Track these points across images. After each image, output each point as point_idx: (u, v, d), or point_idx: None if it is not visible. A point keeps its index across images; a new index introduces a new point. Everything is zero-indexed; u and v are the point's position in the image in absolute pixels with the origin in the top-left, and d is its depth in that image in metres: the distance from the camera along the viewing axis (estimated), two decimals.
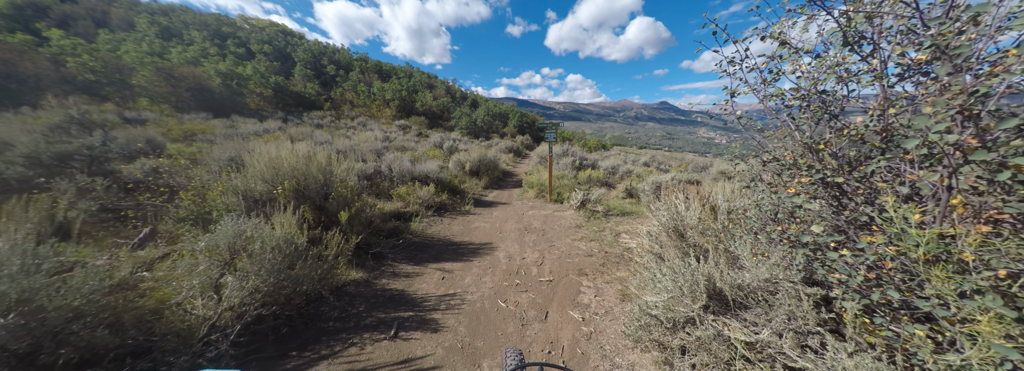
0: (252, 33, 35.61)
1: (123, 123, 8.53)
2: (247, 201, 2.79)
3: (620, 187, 6.87)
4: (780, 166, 1.28)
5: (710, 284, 1.41)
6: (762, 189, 1.42)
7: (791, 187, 1.22)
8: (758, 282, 1.34)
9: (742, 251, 1.54)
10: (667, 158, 16.19)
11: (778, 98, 1.30)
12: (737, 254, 1.61)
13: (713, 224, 1.84)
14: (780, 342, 1.12)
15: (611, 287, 2.56)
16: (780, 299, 1.22)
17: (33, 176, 3.16)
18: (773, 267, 1.31)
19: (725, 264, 1.39)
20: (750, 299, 1.32)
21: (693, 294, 1.41)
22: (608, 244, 3.62)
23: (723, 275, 1.34)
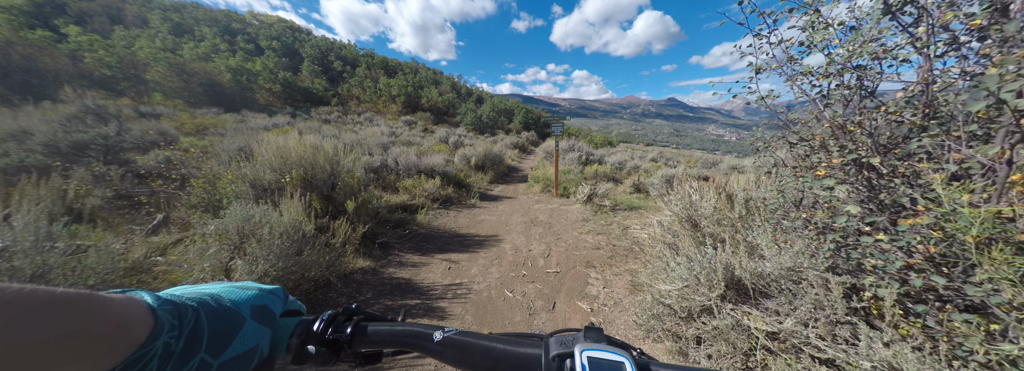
0: (261, 29, 36.01)
1: (138, 117, 8.72)
2: (256, 189, 2.80)
3: (627, 182, 6.77)
4: (808, 148, 1.20)
5: (728, 273, 1.35)
6: (786, 174, 1.34)
7: (819, 169, 1.15)
8: (780, 271, 1.27)
9: (761, 240, 1.47)
10: (675, 155, 15.92)
11: (807, 76, 1.21)
12: (755, 243, 1.54)
13: (729, 213, 1.76)
14: (806, 332, 1.06)
15: (620, 279, 2.51)
16: (805, 288, 1.16)
17: (51, 163, 3.24)
18: (797, 255, 1.25)
19: (744, 253, 1.32)
20: (771, 288, 1.26)
21: (710, 283, 1.35)
22: (616, 237, 3.56)
23: (743, 264, 1.27)
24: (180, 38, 24.93)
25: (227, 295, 0.31)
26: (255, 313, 0.31)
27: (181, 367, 0.24)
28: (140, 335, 0.22)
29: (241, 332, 0.29)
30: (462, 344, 0.33)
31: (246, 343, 0.29)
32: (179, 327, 0.25)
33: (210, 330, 0.27)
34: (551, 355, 0.31)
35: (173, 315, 0.25)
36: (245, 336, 0.29)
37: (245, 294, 0.32)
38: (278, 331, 0.33)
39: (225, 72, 17.99)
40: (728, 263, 1.34)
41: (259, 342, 0.30)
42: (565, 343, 0.32)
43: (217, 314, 0.28)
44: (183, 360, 0.25)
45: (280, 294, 0.36)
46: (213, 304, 0.29)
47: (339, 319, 0.35)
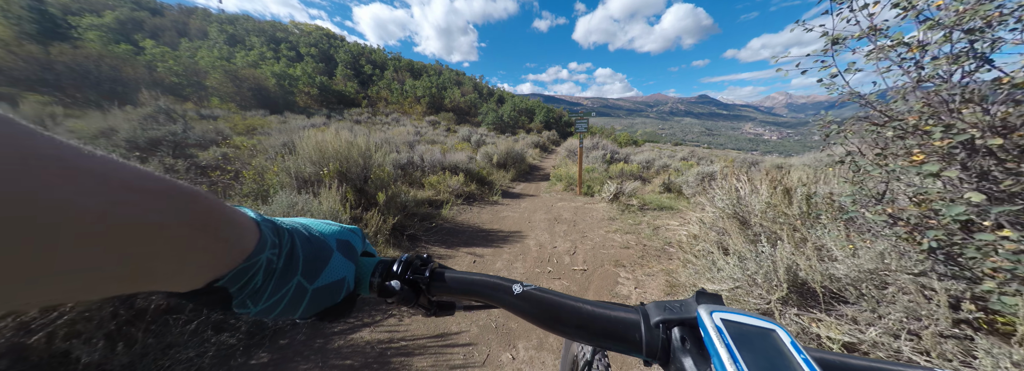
0: (301, 37, 38.94)
1: (199, 118, 9.76)
2: (297, 180, 2.99)
3: (656, 181, 6.43)
4: (899, 130, 1.02)
5: (791, 274, 1.19)
6: (864, 163, 1.16)
7: (916, 153, 0.97)
8: (858, 273, 1.10)
9: (829, 239, 1.29)
10: (708, 154, 14.95)
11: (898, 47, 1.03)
12: (822, 243, 1.35)
13: (787, 210, 1.57)
14: (898, 344, 0.90)
15: (653, 280, 2.36)
16: (893, 294, 0.99)
17: (131, 157, 3.69)
18: (881, 256, 1.07)
19: (812, 252, 1.16)
20: (847, 293, 1.09)
21: (769, 284, 1.20)
22: (646, 237, 3.37)
23: (812, 264, 1.12)
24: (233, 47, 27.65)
25: (315, 226, 0.31)
26: (341, 247, 0.31)
27: (281, 287, 0.24)
28: (248, 245, 0.22)
29: (330, 262, 0.28)
30: (544, 300, 0.30)
31: (335, 273, 0.28)
32: (280, 245, 0.25)
33: (304, 255, 0.26)
34: (652, 321, 0.27)
35: (274, 233, 0.25)
36: (334, 267, 0.29)
37: (330, 228, 0.32)
38: (361, 268, 0.33)
39: (270, 77, 19.67)
40: (791, 263, 1.19)
41: (346, 275, 0.30)
42: (671, 309, 0.27)
43: (309, 241, 0.28)
44: (283, 280, 0.24)
45: (359, 234, 0.35)
46: (304, 232, 0.28)
47: (416, 263, 0.34)
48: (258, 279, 0.23)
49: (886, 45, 1.05)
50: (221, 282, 0.21)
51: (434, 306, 0.35)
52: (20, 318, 1.19)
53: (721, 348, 0.22)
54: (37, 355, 1.18)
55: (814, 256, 1.13)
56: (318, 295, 0.27)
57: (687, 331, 0.25)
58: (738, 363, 0.21)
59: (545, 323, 0.29)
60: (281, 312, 0.25)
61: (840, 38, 1.09)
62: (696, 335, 0.25)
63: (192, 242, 0.18)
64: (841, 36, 1.09)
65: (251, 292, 0.23)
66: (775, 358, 0.21)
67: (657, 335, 0.26)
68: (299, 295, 0.26)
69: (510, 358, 1.53)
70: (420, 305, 0.33)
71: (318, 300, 0.27)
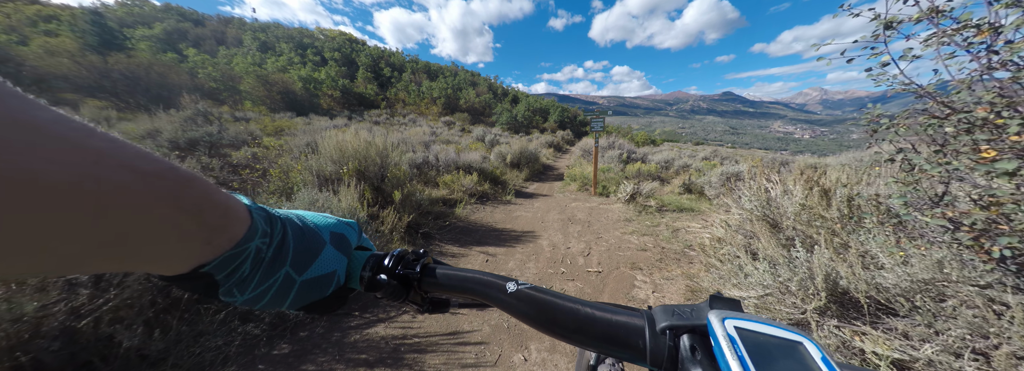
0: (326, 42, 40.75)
1: (233, 121, 10.43)
2: (319, 178, 3.11)
3: (676, 182, 6.18)
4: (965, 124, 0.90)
5: (830, 282, 1.09)
6: (920, 161, 1.04)
7: (987, 150, 0.85)
8: (910, 283, 0.99)
9: (875, 245, 1.17)
10: (732, 154, 14.22)
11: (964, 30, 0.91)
12: (866, 249, 1.23)
13: (825, 212, 1.45)
14: (961, 364, 0.79)
15: (671, 284, 2.26)
16: (954, 307, 0.88)
17: (170, 155, 3.98)
18: (938, 265, 0.95)
19: (855, 259, 1.06)
20: (897, 304, 0.98)
21: (804, 292, 1.11)
22: (665, 239, 3.24)
23: (855, 272, 1.02)
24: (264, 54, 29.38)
25: (310, 218, 0.30)
26: (334, 240, 0.30)
27: (268, 277, 0.24)
28: (238, 232, 0.22)
29: (321, 255, 0.28)
30: (540, 300, 0.28)
31: (326, 266, 0.28)
32: (271, 234, 0.24)
33: (295, 246, 0.26)
34: (658, 327, 0.24)
35: (265, 221, 0.24)
36: (325, 260, 0.28)
37: (326, 220, 0.31)
38: (353, 262, 0.32)
39: (297, 81, 20.73)
40: (830, 271, 1.09)
41: (337, 268, 0.29)
42: (680, 314, 0.24)
43: (301, 232, 0.27)
44: (271, 270, 0.24)
45: (355, 228, 0.34)
46: (298, 222, 0.28)
47: (408, 258, 0.33)
48: (245, 268, 0.22)
49: (950, 28, 0.93)
50: (207, 268, 0.21)
51: (427, 303, 0.34)
52: (71, 304, 1.30)
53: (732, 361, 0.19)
54: (85, 338, 1.28)
55: (858, 263, 1.02)
56: (306, 287, 0.26)
57: (697, 339, 0.23)
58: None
59: (540, 324, 0.27)
60: (268, 303, 0.25)
61: (894, 22, 0.98)
62: (708, 344, 0.22)
63: (179, 225, 0.18)
64: (895, 19, 0.98)
65: (238, 280, 0.22)
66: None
67: (663, 342, 0.23)
68: (286, 286, 0.25)
69: (522, 359, 1.51)
70: (411, 301, 0.32)
71: (306, 292, 0.26)
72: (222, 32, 33.44)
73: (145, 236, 0.16)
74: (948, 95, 0.99)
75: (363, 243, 0.36)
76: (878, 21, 1.00)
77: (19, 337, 1.19)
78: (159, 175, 0.17)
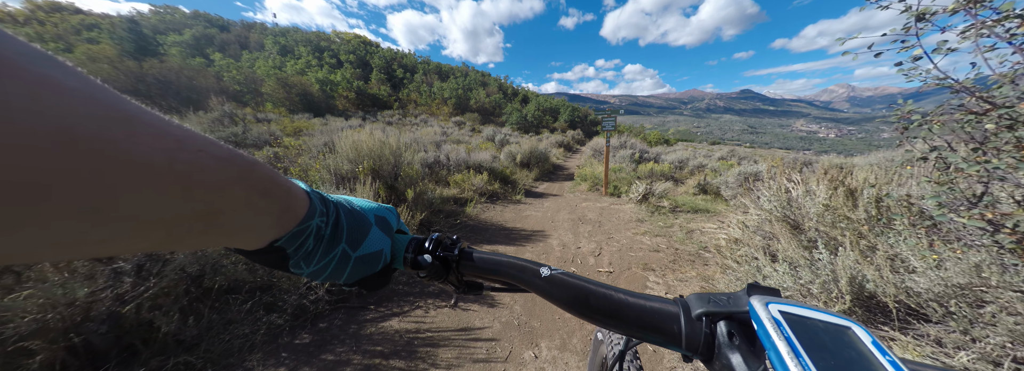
0: (341, 45, 41.93)
1: (256, 122, 10.92)
2: (336, 177, 3.22)
3: (690, 182, 6.03)
4: (1007, 120, 0.85)
5: (855, 285, 1.05)
6: (956, 159, 0.98)
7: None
8: (944, 288, 0.94)
9: (905, 247, 1.12)
10: (750, 153, 13.73)
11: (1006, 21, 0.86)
12: (896, 252, 1.18)
13: (850, 213, 1.39)
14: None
15: (686, 286, 2.22)
16: (993, 313, 0.83)
17: None
18: (975, 269, 0.90)
19: (883, 262, 1.01)
20: (929, 309, 0.94)
21: (826, 295, 1.07)
22: (679, 241, 3.17)
23: (883, 275, 0.98)
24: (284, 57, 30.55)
25: (356, 202, 0.33)
26: (378, 222, 0.33)
27: (328, 252, 0.27)
28: (300, 211, 0.24)
29: (370, 234, 0.30)
30: (574, 285, 0.30)
31: (374, 245, 0.30)
32: (327, 214, 0.27)
33: (348, 225, 0.28)
34: (694, 313, 0.25)
35: (321, 202, 0.27)
36: (372, 239, 0.31)
37: (369, 204, 0.34)
38: (395, 244, 0.35)
39: (315, 83, 21.45)
40: (856, 274, 1.05)
41: (383, 247, 0.32)
42: (716, 302, 0.25)
43: (352, 214, 0.30)
44: (330, 246, 0.27)
45: (394, 212, 0.37)
46: (347, 205, 0.30)
47: (446, 242, 0.35)
48: (309, 243, 0.25)
49: (990, 20, 0.88)
50: (279, 242, 0.23)
51: (463, 284, 0.36)
52: (116, 290, 1.41)
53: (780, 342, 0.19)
54: (128, 322, 1.39)
55: (886, 266, 0.98)
56: (360, 263, 0.29)
57: (735, 326, 0.23)
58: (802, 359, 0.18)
59: (574, 308, 0.29)
60: (329, 275, 0.27)
61: (927, 13, 0.93)
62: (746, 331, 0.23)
63: (253, 203, 0.20)
64: (928, 11, 0.93)
65: (304, 254, 0.25)
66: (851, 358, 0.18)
67: (699, 328, 0.24)
68: (343, 261, 0.28)
69: (532, 356, 1.52)
70: (449, 282, 0.34)
71: (359, 268, 0.29)
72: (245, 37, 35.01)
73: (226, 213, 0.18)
74: (987, 90, 0.94)
75: (401, 227, 0.39)
76: (910, 13, 0.95)
77: (72, 320, 1.30)
78: (229, 159, 0.19)
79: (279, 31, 39.00)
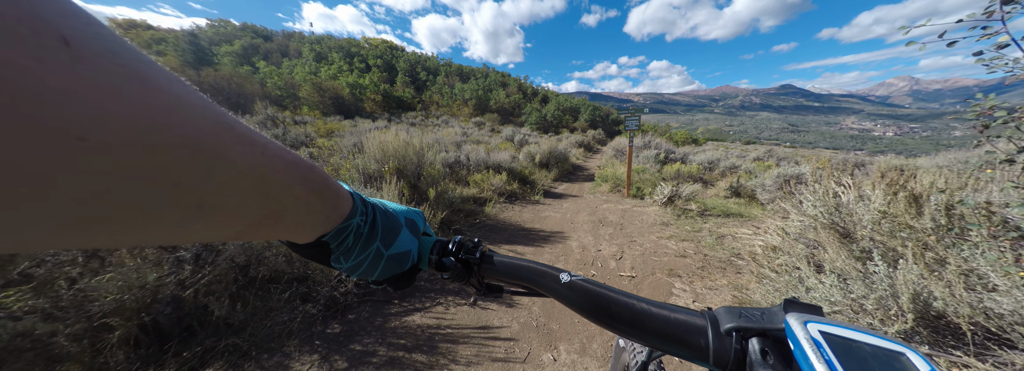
0: (369, 50, 44.08)
1: (294, 124, 11.80)
2: (364, 176, 3.40)
3: (721, 184, 5.68)
4: None
5: (920, 303, 0.94)
6: None
7: None
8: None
9: (983, 262, 0.98)
10: (791, 154, 12.66)
11: None
12: (971, 267, 1.04)
13: (913, 221, 1.24)
14: None
15: (716, 294, 2.09)
16: None
17: None
18: None
19: (955, 277, 0.89)
20: (1012, 334, 0.81)
21: (883, 312, 0.96)
22: (708, 246, 3.00)
23: (955, 293, 0.86)
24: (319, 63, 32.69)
25: (389, 204, 0.35)
26: (408, 224, 0.35)
27: (365, 249, 0.29)
28: (345, 210, 0.27)
29: (400, 235, 0.33)
30: (594, 293, 0.29)
31: (404, 245, 0.33)
32: (366, 214, 0.29)
33: (382, 225, 0.31)
34: (723, 327, 0.23)
35: (362, 203, 0.29)
36: (402, 240, 0.33)
37: (399, 207, 0.37)
38: (421, 245, 0.36)
39: (345, 87, 22.74)
40: (920, 289, 0.93)
41: (411, 248, 0.34)
42: (748, 317, 0.23)
43: (386, 215, 0.32)
44: (367, 243, 0.29)
45: (421, 216, 0.40)
46: (381, 207, 0.33)
47: (468, 245, 0.37)
48: (350, 239, 0.27)
49: None
50: (326, 237, 0.26)
51: (484, 286, 0.37)
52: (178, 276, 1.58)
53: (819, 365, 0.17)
54: (188, 306, 1.56)
55: (959, 283, 0.86)
56: (391, 261, 0.31)
57: (769, 344, 0.22)
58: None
59: (594, 316, 0.28)
60: (364, 271, 0.30)
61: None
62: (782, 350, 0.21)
63: (310, 202, 0.23)
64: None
65: (344, 250, 0.28)
66: None
67: (729, 344, 0.23)
68: (377, 259, 0.30)
69: (551, 359, 1.51)
70: (470, 284, 0.35)
71: (390, 266, 0.31)
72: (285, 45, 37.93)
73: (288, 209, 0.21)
74: None
75: (427, 230, 0.41)
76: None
77: (143, 301, 1.49)
78: (296, 163, 0.21)
79: (314, 39, 41.81)
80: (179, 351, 1.34)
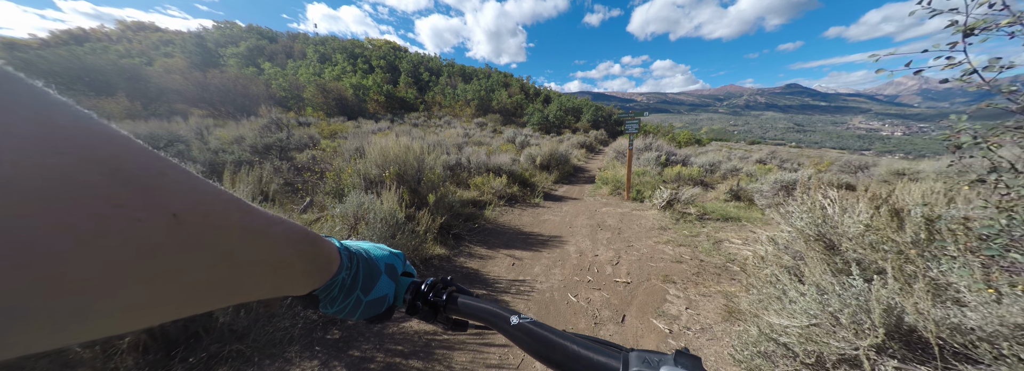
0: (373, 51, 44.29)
1: (298, 125, 11.94)
2: (365, 181, 3.47)
3: (722, 187, 5.68)
4: None
5: (891, 317, 0.97)
6: (1020, 185, 0.88)
7: None
8: (1000, 328, 0.85)
9: (960, 278, 1.01)
10: (795, 155, 12.55)
11: None
12: (946, 282, 1.07)
13: (895, 236, 1.27)
14: None
15: (709, 301, 2.13)
16: None
17: (253, 159, 4.73)
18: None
19: (924, 292, 0.93)
20: (979, 351, 0.85)
21: (856, 326, 1.00)
22: (705, 252, 3.03)
23: (924, 308, 0.90)
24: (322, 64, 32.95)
25: (372, 251, 0.40)
26: (387, 269, 0.40)
27: (347, 297, 0.34)
28: (333, 268, 0.32)
29: (379, 281, 0.38)
30: (536, 334, 0.34)
31: (381, 291, 0.38)
32: (351, 268, 0.34)
33: (363, 275, 0.36)
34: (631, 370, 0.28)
35: (348, 258, 0.34)
36: (380, 285, 0.38)
37: (381, 253, 0.42)
38: (399, 286, 0.41)
39: (349, 88, 22.93)
40: (892, 304, 0.97)
41: (388, 292, 0.39)
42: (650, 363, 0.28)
43: (368, 264, 0.37)
44: (349, 292, 0.34)
45: (401, 258, 0.45)
46: (365, 256, 0.38)
47: (438, 286, 0.41)
48: (335, 291, 0.33)
49: None
50: (316, 292, 0.31)
51: (450, 322, 0.41)
52: None
53: None
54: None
55: (926, 298, 0.90)
56: (369, 306, 0.36)
57: None
58: None
59: (536, 355, 0.33)
60: (346, 314, 0.36)
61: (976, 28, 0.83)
62: None
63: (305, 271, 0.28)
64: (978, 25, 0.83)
65: (330, 299, 0.33)
66: None
67: None
68: (357, 304, 0.35)
69: (544, 367, 1.56)
70: (438, 321, 0.41)
71: (368, 309, 0.37)
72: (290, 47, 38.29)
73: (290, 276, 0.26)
74: None
75: (407, 269, 0.46)
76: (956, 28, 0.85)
77: None
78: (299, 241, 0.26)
79: (318, 40, 42.14)
80: (185, 356, 1.41)
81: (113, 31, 43.32)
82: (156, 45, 32.86)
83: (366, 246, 0.41)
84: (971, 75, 0.87)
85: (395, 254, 0.43)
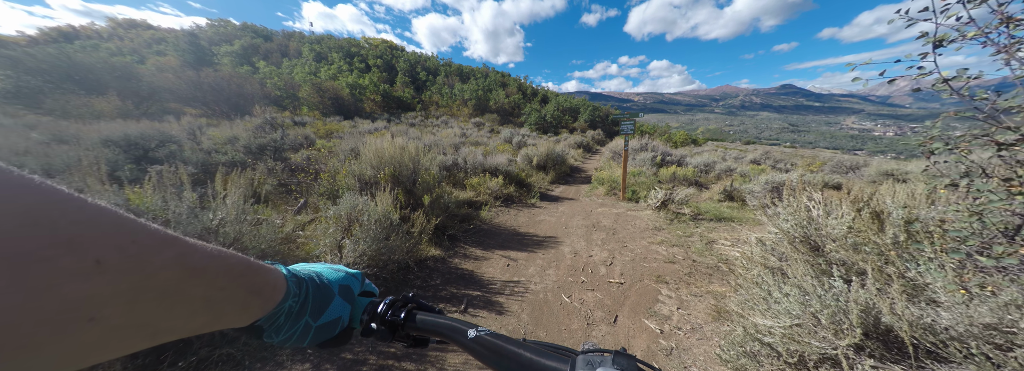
0: (369, 51, 44.01)
1: (293, 125, 11.84)
2: (360, 182, 3.47)
3: (716, 188, 5.75)
4: None
5: (869, 317, 1.01)
6: (989, 188, 0.92)
7: None
8: (969, 327, 0.88)
9: (934, 279, 1.05)
10: (789, 155, 12.71)
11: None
12: (922, 282, 1.11)
13: (876, 237, 1.31)
14: None
15: (700, 301, 2.16)
16: (1019, 359, 0.78)
17: (246, 160, 4.70)
18: (1006, 307, 0.84)
19: (899, 293, 0.96)
20: (949, 349, 0.89)
21: (836, 326, 1.03)
22: (697, 252, 3.07)
23: (899, 309, 0.93)
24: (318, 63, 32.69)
25: (325, 274, 0.40)
26: (341, 291, 0.39)
27: (295, 324, 0.34)
28: (278, 297, 0.31)
29: (331, 304, 0.37)
30: (491, 345, 0.35)
31: (333, 314, 0.37)
32: (299, 294, 0.34)
33: (313, 300, 0.35)
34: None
35: (296, 285, 0.34)
36: (333, 309, 0.37)
37: (336, 275, 0.41)
38: (356, 307, 0.41)
39: (345, 88, 22.78)
40: (870, 304, 1.01)
41: (342, 314, 0.38)
42: (592, 364, 0.29)
43: (318, 288, 0.37)
44: (297, 319, 0.34)
45: (359, 278, 0.44)
46: (317, 280, 0.37)
47: (397, 305, 0.41)
48: (280, 319, 0.32)
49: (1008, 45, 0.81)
50: (259, 322, 0.31)
51: (411, 339, 0.41)
52: None
53: None
54: None
55: (900, 298, 0.93)
56: (319, 331, 0.35)
57: None
58: None
59: (494, 366, 0.34)
60: (293, 342, 0.34)
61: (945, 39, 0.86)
62: None
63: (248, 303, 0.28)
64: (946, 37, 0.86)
65: (275, 328, 0.32)
66: None
67: None
68: (305, 330, 0.34)
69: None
70: (397, 339, 0.40)
71: (319, 335, 0.36)
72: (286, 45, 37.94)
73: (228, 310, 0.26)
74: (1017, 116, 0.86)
75: (367, 288, 0.45)
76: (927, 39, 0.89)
77: None
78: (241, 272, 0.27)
79: (314, 39, 41.77)
80: (175, 361, 1.40)
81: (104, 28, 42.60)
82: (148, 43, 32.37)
83: (319, 269, 0.40)
84: (943, 84, 0.90)
85: (352, 275, 0.42)
